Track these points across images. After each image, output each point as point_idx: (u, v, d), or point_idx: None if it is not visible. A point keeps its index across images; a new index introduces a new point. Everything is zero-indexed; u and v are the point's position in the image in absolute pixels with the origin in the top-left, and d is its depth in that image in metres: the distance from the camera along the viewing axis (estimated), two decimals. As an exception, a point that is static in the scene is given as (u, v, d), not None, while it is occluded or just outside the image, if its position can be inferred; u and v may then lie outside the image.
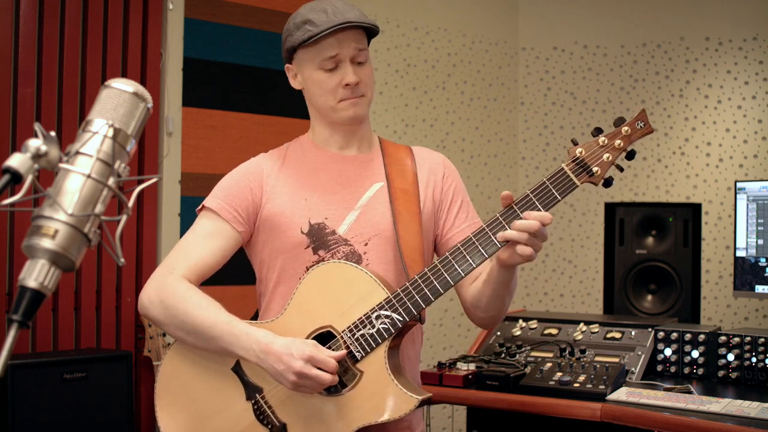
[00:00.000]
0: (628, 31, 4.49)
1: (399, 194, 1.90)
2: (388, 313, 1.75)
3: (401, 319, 1.75)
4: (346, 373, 1.77)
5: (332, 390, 1.76)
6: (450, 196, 1.97)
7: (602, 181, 1.74)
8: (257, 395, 1.82)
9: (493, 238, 1.74)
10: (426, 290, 1.76)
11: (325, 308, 1.79)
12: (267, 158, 1.97)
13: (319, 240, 1.86)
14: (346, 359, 1.76)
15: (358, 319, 1.77)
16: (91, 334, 3.24)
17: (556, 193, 1.73)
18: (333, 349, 1.77)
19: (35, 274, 1.01)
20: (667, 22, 4.39)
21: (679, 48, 4.36)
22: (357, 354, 1.76)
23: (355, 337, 1.76)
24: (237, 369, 1.83)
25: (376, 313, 1.76)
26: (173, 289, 1.81)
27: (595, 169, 1.73)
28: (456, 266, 1.75)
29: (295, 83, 1.95)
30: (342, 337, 1.77)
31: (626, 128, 1.75)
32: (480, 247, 1.74)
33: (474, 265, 1.75)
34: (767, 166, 4.14)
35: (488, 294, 1.84)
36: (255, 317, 1.98)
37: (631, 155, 1.76)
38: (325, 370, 1.69)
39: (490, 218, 1.75)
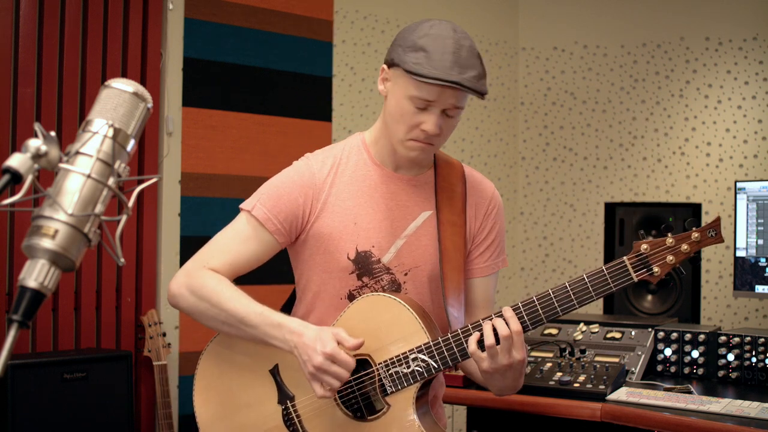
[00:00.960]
0: (628, 31, 4.49)
1: (447, 226, 1.90)
2: (425, 357, 1.78)
3: (436, 366, 1.78)
4: (375, 401, 1.82)
5: (359, 415, 1.81)
6: (485, 234, 1.98)
7: (659, 280, 1.72)
8: (288, 402, 1.86)
9: (539, 309, 1.75)
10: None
11: (367, 338, 1.79)
12: (319, 167, 1.90)
13: (365, 267, 1.88)
14: (376, 390, 1.80)
15: (395, 356, 1.80)
16: (91, 334, 3.24)
17: (611, 283, 1.72)
18: (365, 382, 1.82)
19: (35, 274, 1.01)
20: (667, 22, 4.39)
21: (679, 48, 4.36)
22: (388, 388, 1.80)
23: (389, 372, 1.80)
24: (274, 372, 1.88)
25: (414, 355, 1.79)
26: (204, 281, 1.83)
27: (655, 269, 1.71)
28: None
29: (381, 87, 1.86)
30: (377, 369, 1.80)
31: (696, 234, 1.72)
32: (526, 317, 1.76)
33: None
34: (767, 166, 4.13)
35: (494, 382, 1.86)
36: (291, 299, 2.03)
37: (694, 260, 1.72)
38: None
39: (542, 293, 1.76)
